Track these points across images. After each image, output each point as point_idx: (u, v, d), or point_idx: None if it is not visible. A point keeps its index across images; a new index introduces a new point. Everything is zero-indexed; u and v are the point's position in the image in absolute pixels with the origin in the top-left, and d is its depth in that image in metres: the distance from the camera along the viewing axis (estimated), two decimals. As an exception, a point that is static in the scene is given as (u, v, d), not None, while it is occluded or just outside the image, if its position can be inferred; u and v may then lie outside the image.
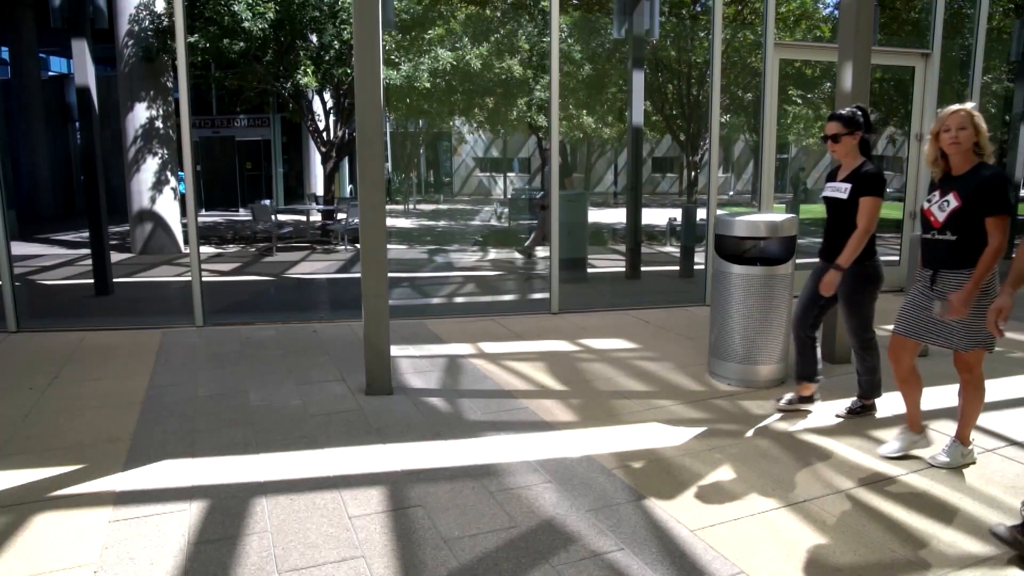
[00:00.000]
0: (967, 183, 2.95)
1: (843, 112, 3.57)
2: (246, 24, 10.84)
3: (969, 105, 2.98)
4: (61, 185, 19.12)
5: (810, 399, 3.92)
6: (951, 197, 2.97)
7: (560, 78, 6.37)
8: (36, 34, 17.13)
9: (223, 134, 22.36)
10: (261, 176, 22.70)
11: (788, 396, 3.91)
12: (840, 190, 3.59)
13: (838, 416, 3.82)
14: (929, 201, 3.09)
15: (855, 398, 3.89)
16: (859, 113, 3.57)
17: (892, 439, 3.35)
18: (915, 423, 3.34)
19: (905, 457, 3.28)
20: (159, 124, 11.45)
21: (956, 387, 4.32)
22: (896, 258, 7.77)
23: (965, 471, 3.14)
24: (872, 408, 3.87)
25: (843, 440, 3.50)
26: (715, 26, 6.85)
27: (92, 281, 7.44)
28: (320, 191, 16.85)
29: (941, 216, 3.02)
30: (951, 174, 3.04)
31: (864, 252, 3.54)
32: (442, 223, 19.15)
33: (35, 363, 4.76)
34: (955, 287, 2.99)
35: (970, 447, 3.22)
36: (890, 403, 4.00)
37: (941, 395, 4.16)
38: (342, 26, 11.35)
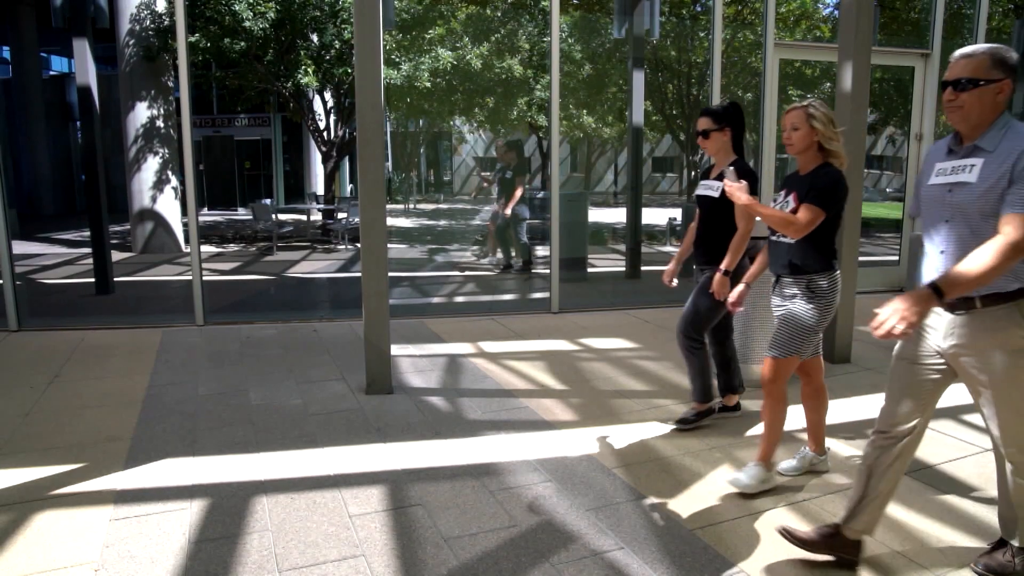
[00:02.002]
0: (804, 184, 2.82)
1: (713, 107, 3.44)
2: (247, 23, 10.84)
3: (810, 102, 2.82)
4: (62, 184, 19.13)
5: (736, 408, 3.83)
6: (791, 198, 2.84)
7: (560, 78, 6.37)
8: (37, 33, 17.13)
9: (224, 133, 22.36)
10: (260, 175, 22.70)
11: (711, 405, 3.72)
12: (712, 188, 3.43)
13: (677, 422, 3.64)
14: (775, 201, 2.97)
15: (692, 404, 3.70)
16: (731, 108, 3.42)
17: (795, 458, 3.17)
18: (815, 437, 3.13)
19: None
20: (160, 123, 11.46)
21: (959, 386, 4.34)
22: (896, 258, 7.78)
23: (965, 471, 3.14)
24: (711, 411, 3.69)
25: (843, 440, 3.50)
26: (715, 26, 6.85)
27: (93, 280, 7.44)
28: (320, 190, 16.86)
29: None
30: (799, 173, 2.91)
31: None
32: (442, 222, 19.15)
33: (36, 362, 4.77)
34: (791, 296, 2.86)
35: (824, 456, 3.12)
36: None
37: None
38: (343, 26, 11.35)
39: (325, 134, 13.28)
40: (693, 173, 18.15)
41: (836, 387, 4.29)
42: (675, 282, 3.67)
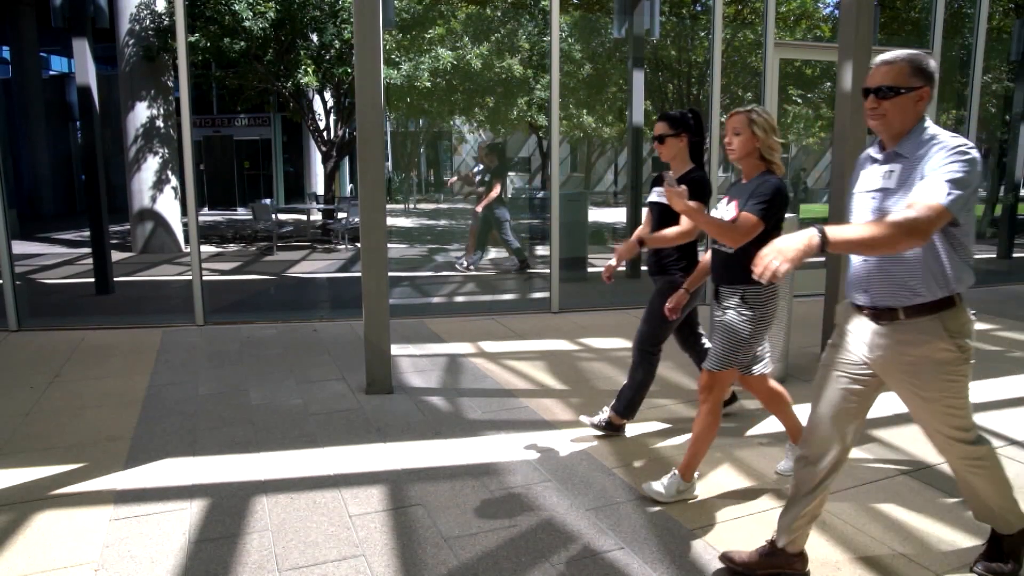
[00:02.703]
0: (745, 193, 2.73)
1: (671, 112, 3.34)
2: (247, 23, 10.83)
3: (753, 107, 2.75)
4: (62, 184, 19.11)
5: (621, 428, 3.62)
6: (732, 206, 2.76)
7: (560, 77, 6.37)
8: (37, 33, 17.12)
9: (223, 133, 22.36)
10: (260, 175, 22.69)
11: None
12: (664, 195, 3.31)
13: (592, 425, 3.54)
14: (716, 208, 2.90)
15: (608, 411, 3.55)
16: (689, 115, 3.31)
17: (786, 457, 3.13)
18: (797, 434, 3.02)
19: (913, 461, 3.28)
20: (160, 123, 11.45)
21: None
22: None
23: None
24: (621, 429, 3.55)
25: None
26: (715, 25, 6.85)
27: (93, 280, 7.43)
28: (320, 190, 16.86)
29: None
30: (742, 182, 2.83)
31: (685, 264, 3.33)
32: (442, 222, 19.15)
33: (36, 362, 4.76)
34: (731, 306, 2.75)
35: (690, 483, 2.89)
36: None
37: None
38: (343, 25, 11.35)
39: (325, 134, 13.28)
40: (693, 173, 18.08)
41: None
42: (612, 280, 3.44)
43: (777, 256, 1.84)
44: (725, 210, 2.79)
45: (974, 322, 2.09)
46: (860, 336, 2.15)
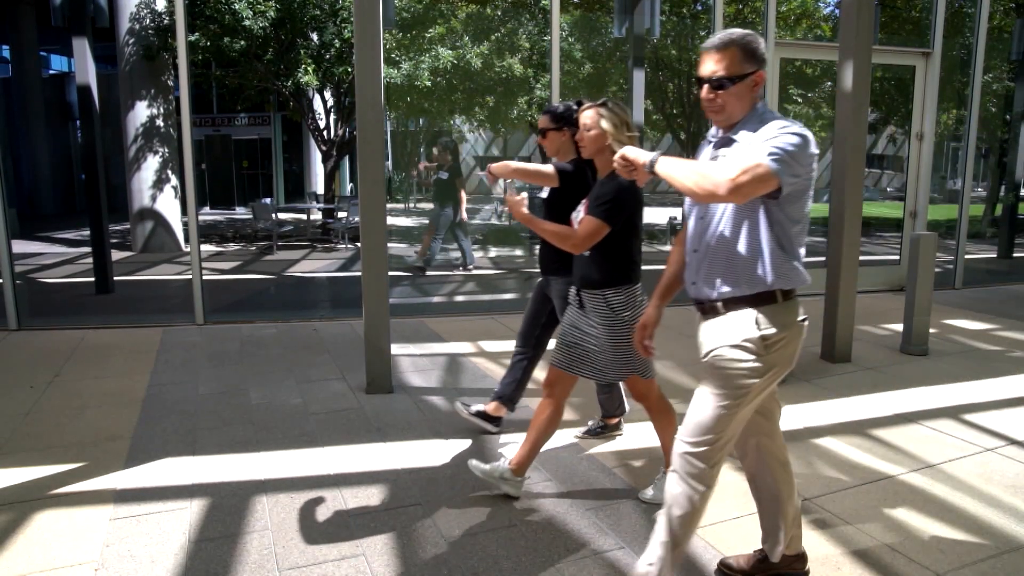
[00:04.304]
0: (593, 193, 2.64)
1: (554, 106, 3.23)
2: (247, 22, 10.83)
3: (604, 100, 2.67)
4: (62, 183, 19.11)
5: (615, 428, 3.59)
6: (582, 207, 2.68)
7: (560, 77, 6.36)
8: (37, 32, 17.11)
9: (224, 133, 22.35)
10: (260, 175, 22.68)
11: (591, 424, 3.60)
12: (545, 190, 3.24)
13: (578, 437, 3.52)
14: (552, 204, 2.83)
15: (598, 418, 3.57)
16: (574, 109, 3.09)
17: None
18: (520, 463, 2.83)
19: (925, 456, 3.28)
20: (160, 122, 11.45)
21: (959, 386, 4.34)
22: (896, 257, 7.77)
23: (966, 471, 3.14)
24: (617, 428, 3.57)
25: (843, 439, 3.50)
26: (716, 25, 6.85)
27: (93, 279, 7.43)
28: (320, 190, 16.85)
29: (576, 227, 2.70)
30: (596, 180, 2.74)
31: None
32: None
33: (36, 361, 4.76)
34: (593, 308, 2.68)
35: (520, 479, 2.85)
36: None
37: (941, 395, 4.16)
38: (343, 25, 11.34)
39: (325, 133, 13.28)
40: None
41: (836, 387, 4.30)
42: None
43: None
44: (579, 209, 2.70)
45: (801, 329, 2.00)
46: (699, 335, 2.09)
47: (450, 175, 9.23)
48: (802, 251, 2.00)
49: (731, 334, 1.97)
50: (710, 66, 1.96)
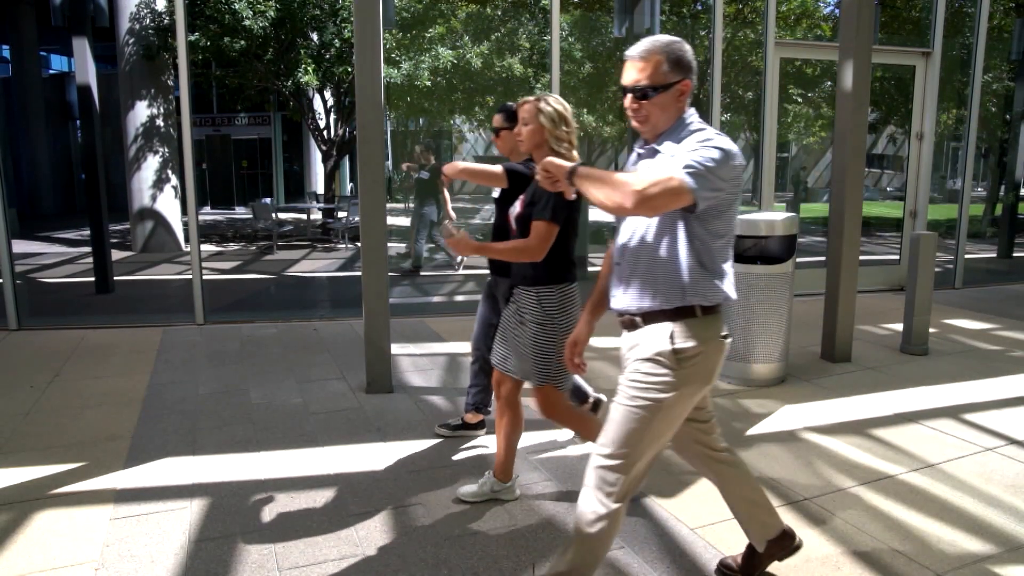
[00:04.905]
0: (530, 192, 2.60)
1: (509, 104, 3.18)
2: (247, 22, 10.83)
3: (543, 95, 2.62)
4: (62, 183, 19.11)
5: (479, 426, 3.57)
6: (519, 203, 2.65)
7: (561, 76, 6.36)
8: (37, 32, 17.11)
9: (224, 132, 22.35)
10: (259, 174, 22.68)
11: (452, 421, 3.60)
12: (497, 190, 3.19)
13: (440, 430, 3.53)
14: (504, 203, 2.78)
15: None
16: None
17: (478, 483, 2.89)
18: (503, 468, 2.82)
19: (914, 456, 3.28)
20: (160, 122, 11.45)
21: (959, 385, 4.34)
22: (896, 257, 7.77)
23: (966, 470, 3.14)
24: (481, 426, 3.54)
25: (843, 439, 3.50)
26: (716, 25, 6.85)
27: (93, 279, 7.44)
28: (320, 189, 16.85)
29: (513, 222, 2.68)
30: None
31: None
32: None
33: (36, 361, 4.76)
34: (526, 305, 2.63)
35: (509, 483, 2.83)
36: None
37: (941, 395, 4.17)
38: (343, 24, 11.34)
39: (325, 133, 13.28)
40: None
41: (837, 387, 4.30)
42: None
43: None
44: (514, 204, 2.67)
45: (720, 346, 1.93)
46: (623, 349, 2.03)
47: (431, 175, 9.26)
48: (726, 266, 1.93)
49: (645, 347, 1.92)
50: (632, 75, 1.88)
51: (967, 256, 7.76)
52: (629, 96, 1.90)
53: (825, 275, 4.87)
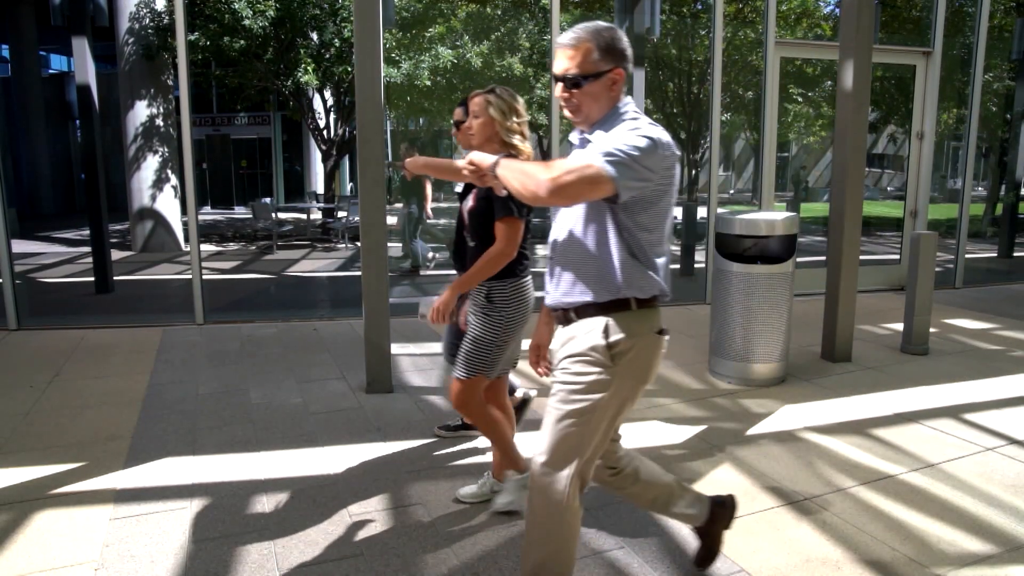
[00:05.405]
0: (483, 189, 2.51)
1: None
2: (246, 22, 10.83)
3: (493, 87, 2.58)
4: (61, 183, 19.12)
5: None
6: (471, 196, 2.60)
7: (561, 76, 6.35)
8: (36, 32, 17.11)
9: (223, 132, 22.35)
10: (259, 174, 22.68)
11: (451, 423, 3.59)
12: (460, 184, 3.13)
13: (439, 431, 3.52)
14: (464, 198, 2.75)
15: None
16: None
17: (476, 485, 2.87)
18: (500, 469, 2.78)
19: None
20: (159, 122, 11.45)
21: (959, 385, 4.34)
22: (897, 256, 7.77)
23: (966, 470, 3.14)
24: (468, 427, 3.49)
25: (844, 439, 3.50)
26: (716, 24, 6.84)
27: (92, 279, 7.44)
28: (320, 189, 16.85)
29: (466, 216, 2.64)
30: None
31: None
32: (443, 221, 19.14)
33: (36, 361, 4.76)
34: (474, 298, 2.61)
35: (505, 481, 2.75)
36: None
37: (941, 394, 4.16)
38: (343, 24, 11.34)
39: (325, 133, 13.28)
40: (694, 172, 18.12)
41: (837, 386, 4.29)
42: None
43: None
44: (466, 199, 2.63)
45: (656, 342, 1.87)
46: (556, 344, 1.96)
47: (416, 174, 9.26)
48: (660, 260, 1.85)
49: (578, 342, 1.85)
50: (563, 63, 1.81)
51: (967, 256, 7.76)
52: (559, 85, 1.83)
53: (825, 275, 4.87)
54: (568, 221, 1.88)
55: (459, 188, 3.04)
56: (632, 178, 1.67)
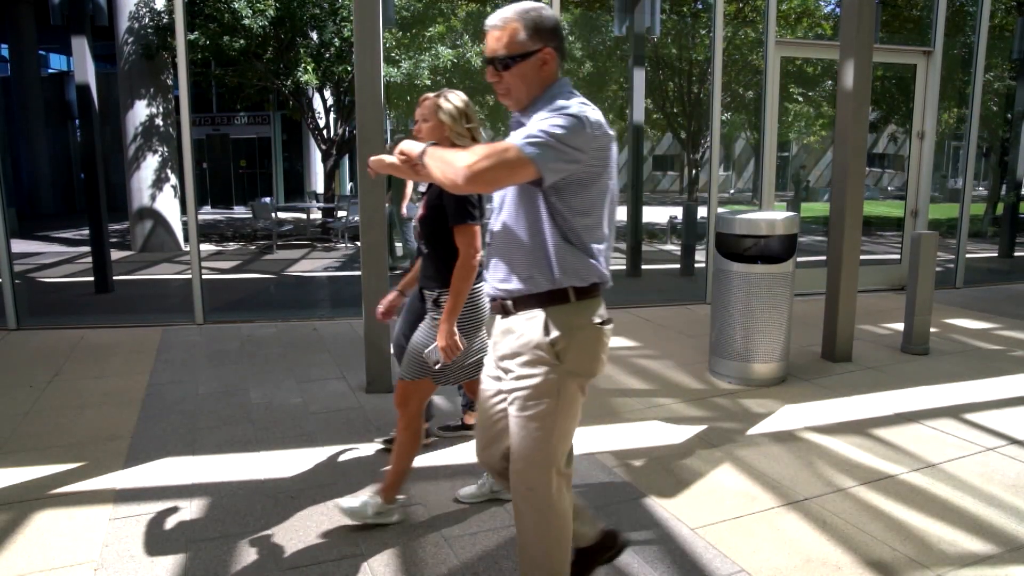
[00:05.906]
0: (432, 187, 2.48)
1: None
2: (246, 21, 10.82)
3: (443, 91, 2.55)
4: (61, 183, 19.13)
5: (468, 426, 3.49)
6: (422, 203, 2.55)
7: (561, 75, 6.35)
8: (36, 31, 17.12)
9: (223, 132, 22.35)
10: (258, 174, 22.68)
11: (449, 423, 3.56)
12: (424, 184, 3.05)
13: (440, 431, 3.49)
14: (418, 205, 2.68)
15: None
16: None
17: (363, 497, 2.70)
18: (389, 489, 2.64)
19: (921, 454, 3.28)
20: (159, 122, 11.45)
21: (960, 385, 4.34)
22: (897, 256, 7.77)
23: (967, 470, 3.14)
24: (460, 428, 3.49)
25: (844, 439, 3.49)
26: (716, 24, 6.84)
27: (92, 279, 7.43)
28: (320, 189, 16.85)
29: (417, 223, 2.59)
30: None
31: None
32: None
33: (35, 361, 4.76)
34: (428, 310, 2.59)
35: (392, 506, 2.63)
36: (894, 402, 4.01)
37: (942, 394, 4.16)
38: (342, 23, 11.33)
39: (325, 132, 13.27)
40: (694, 171, 18.13)
41: (837, 386, 4.29)
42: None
43: (402, 153, 1.80)
44: (420, 206, 2.58)
45: (598, 332, 1.83)
46: (494, 334, 1.90)
47: None
48: (599, 247, 1.77)
49: (520, 341, 1.79)
50: (491, 44, 1.75)
51: (968, 256, 7.76)
52: (489, 68, 1.78)
53: (825, 275, 4.86)
54: (503, 207, 1.82)
55: (423, 187, 2.98)
56: (556, 159, 1.60)
